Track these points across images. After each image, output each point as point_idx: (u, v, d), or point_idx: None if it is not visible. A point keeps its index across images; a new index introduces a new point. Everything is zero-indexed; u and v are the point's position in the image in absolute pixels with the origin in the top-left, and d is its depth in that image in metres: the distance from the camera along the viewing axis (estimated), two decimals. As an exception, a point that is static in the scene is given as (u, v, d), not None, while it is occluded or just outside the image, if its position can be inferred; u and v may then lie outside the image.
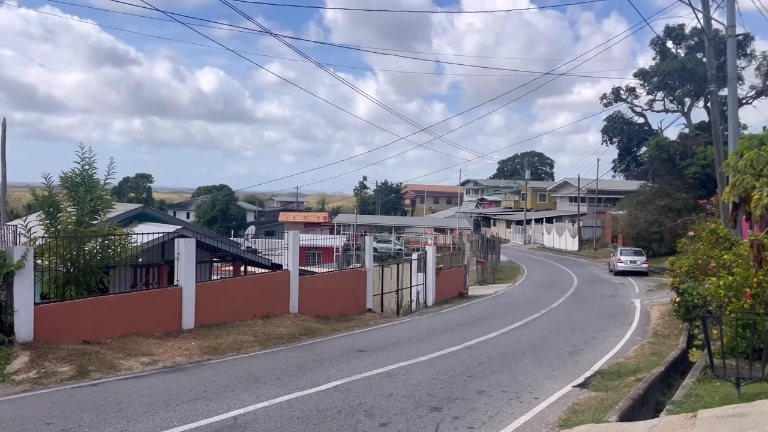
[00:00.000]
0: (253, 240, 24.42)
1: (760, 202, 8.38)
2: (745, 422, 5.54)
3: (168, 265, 15.18)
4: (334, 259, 40.49)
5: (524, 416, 7.59)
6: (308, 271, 20.23)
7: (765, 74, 40.62)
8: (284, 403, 7.82)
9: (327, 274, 18.00)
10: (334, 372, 9.75)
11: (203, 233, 21.38)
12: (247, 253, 19.54)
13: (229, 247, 19.57)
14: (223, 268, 20.49)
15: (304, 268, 21.47)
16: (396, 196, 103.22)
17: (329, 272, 18.28)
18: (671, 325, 15.90)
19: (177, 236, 14.31)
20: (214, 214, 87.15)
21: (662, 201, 40.02)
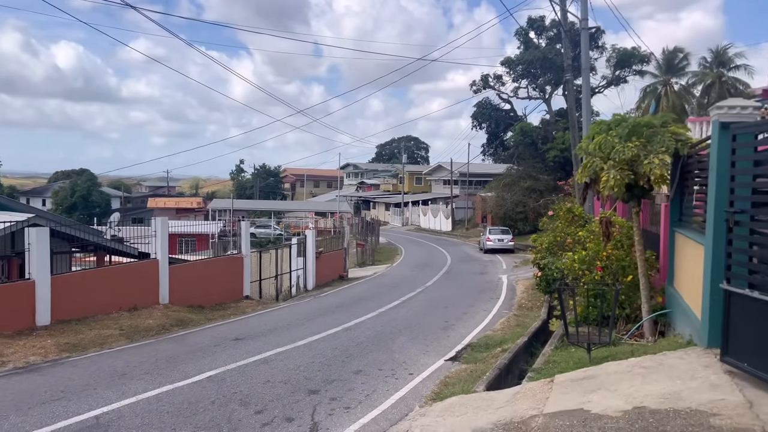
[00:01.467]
0: (117, 228, 22.81)
1: (608, 183, 9.12)
2: (594, 383, 6.08)
3: (19, 257, 13.81)
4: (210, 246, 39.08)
5: (399, 392, 7.80)
6: (180, 259, 19.34)
7: (614, 65, 44.67)
8: (153, 398, 7.42)
9: (200, 261, 17.29)
10: (207, 362, 9.41)
11: (60, 221, 19.64)
12: (111, 241, 18.26)
13: (91, 236, 18.17)
14: (85, 259, 19.03)
15: (176, 257, 20.52)
16: (275, 180, 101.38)
17: (203, 260, 17.56)
18: (534, 298, 17.07)
19: (28, 225, 13.02)
20: (74, 200, 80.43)
21: (526, 183, 42.78)
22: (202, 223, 52.72)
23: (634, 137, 9.10)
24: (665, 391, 5.22)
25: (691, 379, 5.40)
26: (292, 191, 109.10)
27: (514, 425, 5.36)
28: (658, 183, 8.94)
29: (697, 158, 8.53)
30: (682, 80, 46.97)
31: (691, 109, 42.26)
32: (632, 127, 9.26)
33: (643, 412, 4.78)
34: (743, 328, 5.15)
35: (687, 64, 46.72)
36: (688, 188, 8.96)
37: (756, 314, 4.95)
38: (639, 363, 6.36)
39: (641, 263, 9.60)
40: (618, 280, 10.84)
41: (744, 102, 6.06)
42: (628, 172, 9.03)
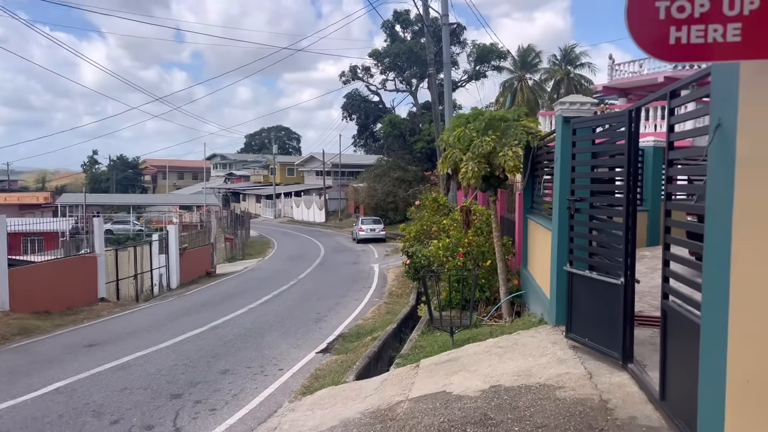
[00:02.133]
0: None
1: (466, 175, 9.57)
2: (456, 365, 6.36)
3: None
4: (60, 245, 35.85)
5: (268, 389, 7.65)
6: (23, 261, 17.51)
7: (474, 61, 47.02)
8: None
9: (47, 263, 15.76)
10: (56, 373, 8.61)
11: None
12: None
13: None
14: None
15: (19, 258, 18.53)
16: (134, 172, 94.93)
17: (49, 261, 16.02)
18: (404, 285, 17.55)
19: None
20: None
21: (396, 174, 43.84)
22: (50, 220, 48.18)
23: (491, 131, 9.60)
24: (519, 368, 5.58)
25: (541, 355, 5.83)
26: (153, 184, 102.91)
27: (381, 412, 5.46)
28: (512, 173, 9.54)
29: (545, 150, 9.19)
30: (536, 76, 50.51)
31: (543, 103, 45.58)
32: (488, 121, 9.75)
33: (499, 390, 5.07)
34: (584, 307, 5.64)
35: (539, 61, 50.31)
36: (539, 178, 9.63)
37: (594, 293, 5.43)
38: (497, 343, 6.74)
39: (498, 249, 10.20)
40: (478, 265, 11.45)
41: (582, 99, 6.60)
42: (485, 164, 9.52)
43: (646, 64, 27.21)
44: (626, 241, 4.94)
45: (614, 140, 5.39)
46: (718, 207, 2.30)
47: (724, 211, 2.22)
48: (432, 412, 4.98)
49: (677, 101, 3.95)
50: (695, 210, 4.09)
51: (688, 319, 3.58)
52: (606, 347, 5.23)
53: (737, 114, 2.05)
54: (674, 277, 3.87)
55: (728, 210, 2.15)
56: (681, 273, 3.84)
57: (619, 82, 26.33)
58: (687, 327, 3.62)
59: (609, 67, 27.92)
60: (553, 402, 4.54)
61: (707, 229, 2.46)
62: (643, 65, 27.49)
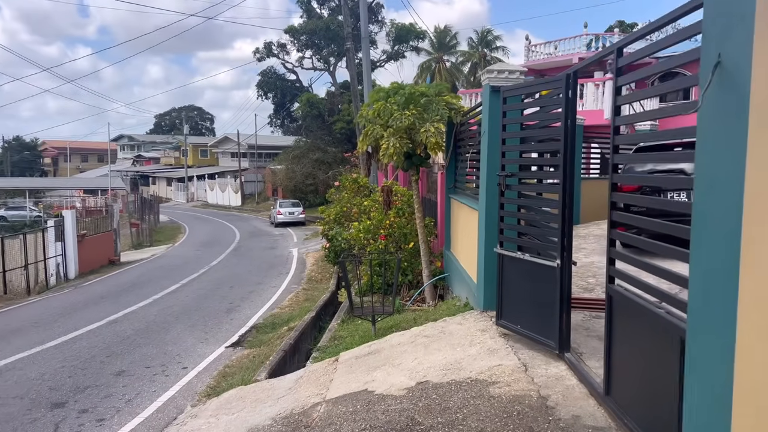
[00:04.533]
0: None
1: (387, 151, 9.00)
2: (379, 358, 5.80)
3: None
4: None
5: (168, 392, 6.82)
6: None
7: (393, 40, 46.45)
8: None
9: None
10: None
11: None
12: None
13: None
14: None
15: None
16: (32, 154, 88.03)
17: None
18: (324, 269, 16.89)
19: None
20: None
21: (315, 155, 42.73)
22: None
23: (411, 105, 9.08)
24: (447, 361, 5.08)
25: (470, 345, 5.36)
26: (54, 167, 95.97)
27: (294, 418, 4.80)
28: (434, 150, 9.06)
29: (468, 126, 8.76)
30: (453, 58, 50.75)
31: (460, 85, 45.86)
32: (409, 95, 9.21)
33: (427, 387, 4.54)
34: (515, 291, 5.20)
35: (457, 43, 50.55)
36: (462, 156, 9.20)
37: (527, 277, 5.00)
38: (422, 332, 6.23)
39: (421, 230, 9.73)
40: (400, 248, 10.96)
41: (512, 67, 6.14)
42: (407, 140, 8.99)
43: (561, 45, 27.72)
44: (563, 220, 4.52)
45: (549, 109, 4.94)
46: (718, 177, 1.80)
47: (728, 182, 1.72)
48: (352, 416, 4.38)
49: (625, 59, 3.49)
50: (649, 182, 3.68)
51: (640, 307, 3.15)
52: (540, 335, 4.82)
53: (752, 41, 1.53)
54: (623, 259, 3.44)
55: (736, 181, 1.64)
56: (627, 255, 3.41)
57: (535, 63, 26.62)
58: (639, 315, 3.19)
59: (525, 48, 28.20)
60: (487, 401, 4.05)
61: (697, 206, 1.96)
62: (558, 47, 27.99)
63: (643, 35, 3.40)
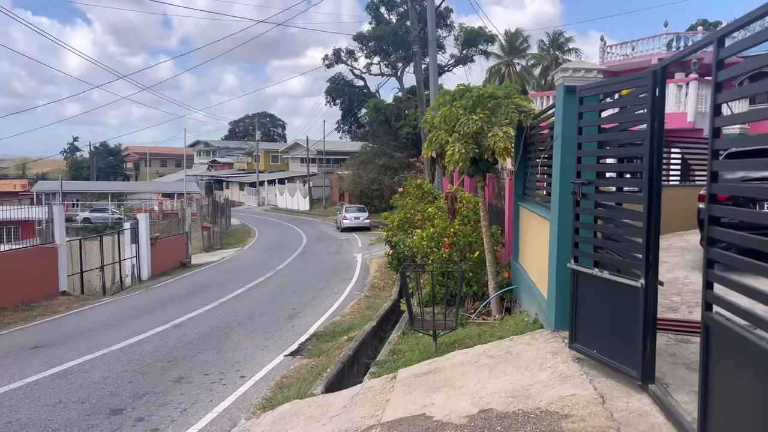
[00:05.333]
0: None
1: (453, 157, 8.60)
2: (439, 378, 5.41)
3: None
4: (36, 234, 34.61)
5: (224, 402, 6.68)
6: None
7: (462, 44, 45.84)
8: None
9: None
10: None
11: None
12: None
13: None
14: None
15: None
16: (116, 159, 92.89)
17: (2, 252, 14.82)
18: (387, 276, 16.61)
19: None
20: None
21: (381, 160, 42.75)
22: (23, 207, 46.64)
23: (479, 109, 8.65)
24: (513, 386, 4.63)
25: (540, 369, 4.89)
26: (136, 171, 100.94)
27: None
28: (503, 156, 8.57)
29: (539, 129, 8.26)
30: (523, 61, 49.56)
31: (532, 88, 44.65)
32: (476, 98, 8.76)
33: (490, 417, 4.12)
34: (592, 312, 4.70)
35: (527, 46, 49.35)
36: (532, 161, 8.69)
37: (606, 296, 4.49)
38: (486, 351, 5.80)
39: (487, 239, 9.25)
40: (465, 257, 10.51)
41: (588, 65, 5.62)
42: (473, 145, 8.56)
43: (638, 46, 26.37)
44: (648, 234, 3.99)
45: (632, 110, 4.43)
46: None
47: None
48: (408, 445, 4.03)
49: (728, 50, 2.98)
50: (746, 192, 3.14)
51: (747, 342, 2.64)
52: (620, 362, 4.30)
53: None
54: (725, 283, 2.92)
55: None
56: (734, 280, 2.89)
57: (611, 64, 25.41)
58: (744, 350, 2.68)
59: (600, 49, 26.99)
60: (559, 438, 3.60)
61: None
62: (635, 47, 26.64)
63: (746, 24, 2.89)
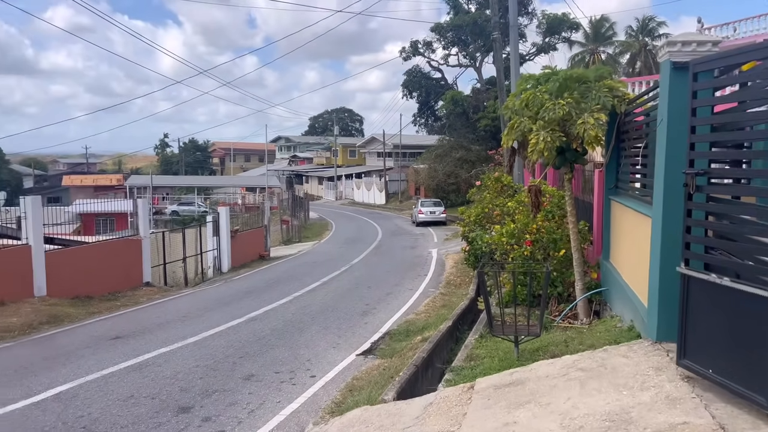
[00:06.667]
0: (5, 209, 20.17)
1: (536, 147, 7.92)
2: (522, 392, 4.86)
3: None
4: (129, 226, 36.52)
5: (292, 404, 6.41)
6: (76, 241, 17.14)
7: (544, 32, 44.08)
8: (-36, 433, 5.71)
9: (87, 246, 15.19)
10: (66, 372, 7.70)
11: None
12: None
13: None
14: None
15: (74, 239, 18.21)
16: (203, 155, 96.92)
17: (91, 244, 15.47)
18: (463, 273, 16.02)
19: None
20: (-21, 179, 74.22)
21: (458, 153, 41.87)
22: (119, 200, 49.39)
23: (566, 93, 7.93)
24: (610, 407, 4.02)
25: (642, 388, 4.24)
26: (221, 166, 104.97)
27: (419, 460, 4.06)
28: (592, 145, 7.81)
29: (634, 116, 7.46)
30: (609, 49, 47.13)
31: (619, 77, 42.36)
32: (563, 81, 8.03)
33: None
34: (707, 324, 4.00)
35: (614, 33, 46.89)
36: (626, 150, 7.89)
37: (723, 306, 3.79)
38: (576, 363, 5.18)
39: (574, 236, 8.51)
40: (549, 255, 9.79)
41: (701, 36, 4.87)
42: (560, 133, 7.84)
43: (741, 26, 24.25)
44: (785, 235, 3.28)
45: (762, 86, 3.70)
46: None
47: None
48: (487, 471, 3.54)
49: None
50: None
51: None
52: (744, 387, 3.60)
53: None
54: None
55: None
56: None
57: (710, 47, 23.48)
58: None
59: (698, 31, 25.02)
60: (672, 479, 2.99)
61: None
62: (737, 28, 24.53)
63: None
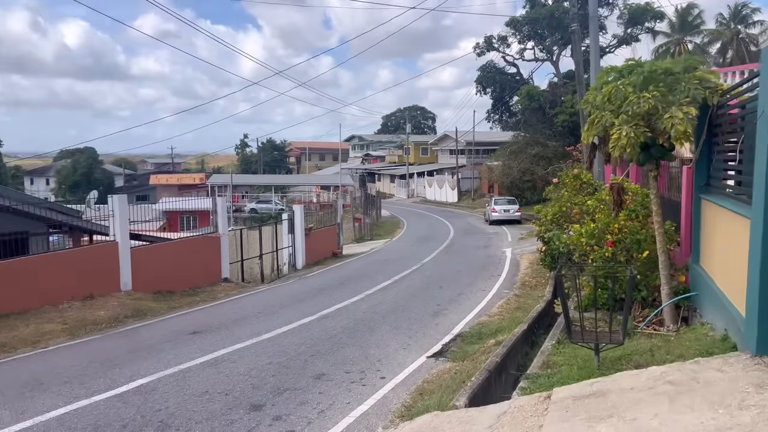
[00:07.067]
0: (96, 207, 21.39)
1: (619, 143, 7.49)
2: (604, 405, 4.55)
3: None
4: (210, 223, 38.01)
5: (362, 406, 6.33)
6: (161, 238, 17.97)
7: (626, 22, 42.16)
8: (54, 420, 5.99)
9: (169, 243, 15.85)
10: (147, 365, 7.99)
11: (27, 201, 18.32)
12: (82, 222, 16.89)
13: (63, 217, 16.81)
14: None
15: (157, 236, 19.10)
16: (280, 154, 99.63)
17: (172, 241, 16.13)
18: (539, 274, 15.53)
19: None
20: (76, 178, 79.50)
21: (534, 150, 40.80)
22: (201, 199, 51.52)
23: (651, 86, 7.45)
24: (704, 427, 3.67)
25: (741, 407, 3.85)
26: (297, 165, 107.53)
27: (491, 473, 3.87)
28: (680, 140, 7.29)
29: (727, 109, 6.90)
30: (697, 39, 44.51)
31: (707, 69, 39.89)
32: (648, 73, 7.57)
33: (675, 468, 3.25)
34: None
35: (701, 21, 44.22)
36: (719, 146, 7.31)
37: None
38: (664, 375, 4.80)
39: (660, 237, 7.99)
40: (632, 257, 9.26)
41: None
42: (644, 128, 7.39)
43: None
44: None
45: None
46: None
47: None
48: (566, 492, 3.30)
49: None
50: None
51: None
52: None
53: None
54: None
55: None
56: None
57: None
58: None
59: (800, 15, 23.08)
60: None
61: None
62: None
63: None
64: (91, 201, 22.02)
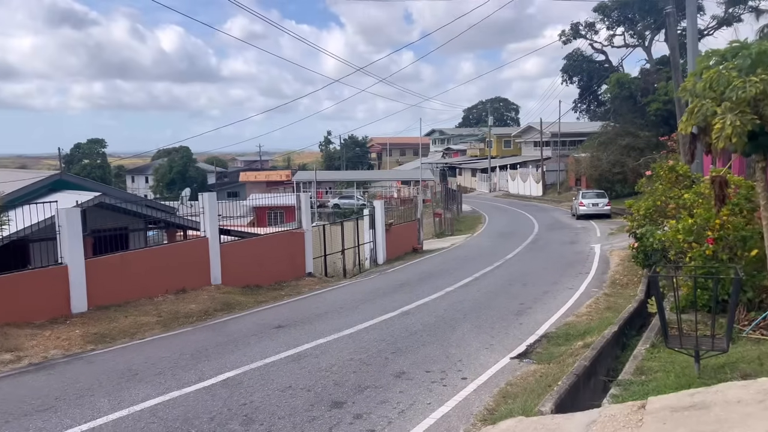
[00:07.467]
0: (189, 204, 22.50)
1: (723, 132, 6.90)
2: (706, 419, 4.19)
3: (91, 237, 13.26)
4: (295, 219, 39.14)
5: (443, 407, 6.20)
6: (248, 233, 18.62)
7: (726, 2, 39.23)
8: (147, 411, 6.28)
9: (256, 239, 16.32)
10: (233, 359, 8.25)
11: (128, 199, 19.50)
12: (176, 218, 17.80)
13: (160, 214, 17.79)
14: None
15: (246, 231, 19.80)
16: (362, 150, 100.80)
17: (259, 237, 16.61)
18: (631, 271, 14.75)
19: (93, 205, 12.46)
20: (172, 176, 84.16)
21: (624, 140, 38.91)
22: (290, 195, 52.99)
23: (760, 69, 6.83)
24: (827, 452, 3.28)
25: None
26: (378, 160, 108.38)
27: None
28: (794, 128, 6.64)
29: None
30: (812, 14, 40.69)
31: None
32: (756, 55, 6.98)
33: (794, 498, 2.90)
34: None
35: (818, -6, 40.37)
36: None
37: None
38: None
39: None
40: (736, 255, 8.55)
41: None
42: (752, 116, 6.77)
43: None
44: None
45: None
46: None
47: None
48: None
49: None
50: None
51: None
52: None
53: None
54: None
55: None
56: None
57: None
58: None
59: None
60: None
61: None
62: None
63: None
64: (184, 198, 23.16)
